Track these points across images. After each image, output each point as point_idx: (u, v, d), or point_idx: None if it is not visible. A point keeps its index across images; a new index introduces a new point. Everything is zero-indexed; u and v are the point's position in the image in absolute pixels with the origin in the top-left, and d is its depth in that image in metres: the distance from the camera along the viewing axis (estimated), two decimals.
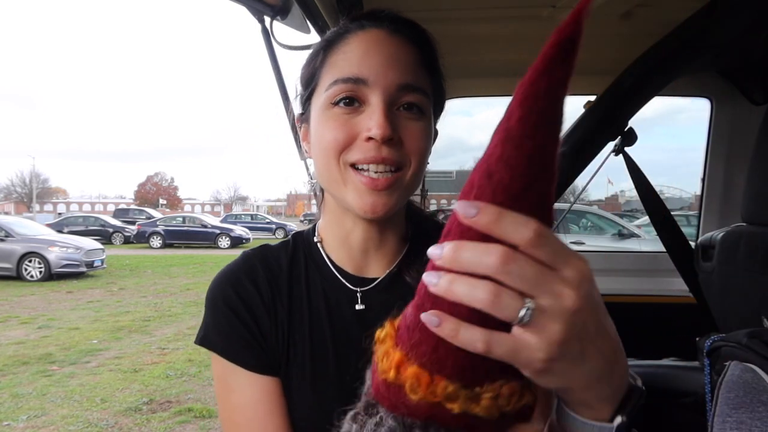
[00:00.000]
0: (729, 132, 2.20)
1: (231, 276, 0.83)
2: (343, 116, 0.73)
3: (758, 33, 1.58)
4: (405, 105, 0.74)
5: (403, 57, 0.75)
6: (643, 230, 10.35)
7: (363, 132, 0.72)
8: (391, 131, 0.71)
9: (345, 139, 0.73)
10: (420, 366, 0.44)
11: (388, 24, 0.77)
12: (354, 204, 0.74)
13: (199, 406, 4.74)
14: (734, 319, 1.44)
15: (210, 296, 0.83)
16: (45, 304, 9.60)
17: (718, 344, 0.90)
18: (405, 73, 0.73)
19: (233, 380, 0.79)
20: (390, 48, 0.74)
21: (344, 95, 0.73)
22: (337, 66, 0.75)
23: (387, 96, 0.72)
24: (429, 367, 0.43)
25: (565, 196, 4.46)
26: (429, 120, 0.77)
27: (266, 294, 0.81)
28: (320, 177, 0.80)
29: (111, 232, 24.19)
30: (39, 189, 60.90)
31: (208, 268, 14.97)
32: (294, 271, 0.84)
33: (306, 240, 0.88)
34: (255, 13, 1.24)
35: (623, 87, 1.79)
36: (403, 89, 0.73)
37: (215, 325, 0.81)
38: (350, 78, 0.73)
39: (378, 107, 0.71)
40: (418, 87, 0.74)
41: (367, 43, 0.75)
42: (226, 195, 74.08)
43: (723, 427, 0.70)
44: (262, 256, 0.86)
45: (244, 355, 0.79)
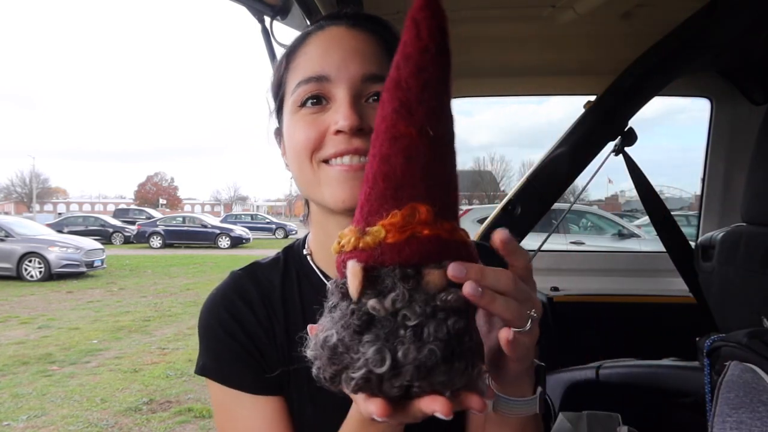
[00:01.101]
0: (729, 132, 2.20)
1: (224, 299, 0.81)
2: (310, 116, 0.72)
3: (758, 33, 1.58)
4: (374, 96, 0.72)
5: (365, 48, 0.73)
6: (643, 230, 10.35)
7: (331, 126, 0.71)
8: (358, 121, 0.69)
9: (315, 138, 0.72)
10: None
11: (346, 21, 0.76)
12: (330, 198, 0.72)
13: (199, 406, 4.74)
14: (734, 319, 1.44)
15: (204, 323, 0.81)
16: (45, 304, 9.60)
17: (718, 344, 0.90)
18: (368, 63, 0.72)
19: (237, 406, 0.77)
20: (350, 42, 0.73)
21: (309, 95, 0.72)
22: (299, 68, 0.74)
23: (352, 88, 0.71)
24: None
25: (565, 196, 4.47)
26: None
27: (262, 314, 0.79)
28: (298, 184, 0.78)
29: (111, 232, 24.20)
30: (39, 189, 60.92)
31: (208, 268, 14.97)
32: (287, 287, 0.82)
33: (296, 254, 0.86)
34: (255, 13, 1.24)
35: (623, 87, 1.79)
36: (368, 80, 0.72)
37: (213, 352, 0.79)
38: (312, 77, 0.72)
39: (343, 100, 0.70)
40: (384, 76, 0.73)
41: (327, 40, 0.74)
42: (226, 195, 74.09)
43: (723, 427, 0.70)
44: (253, 275, 0.84)
45: (246, 379, 0.77)
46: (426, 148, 0.47)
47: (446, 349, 0.45)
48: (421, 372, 0.44)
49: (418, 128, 0.47)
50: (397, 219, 0.47)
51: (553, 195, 1.98)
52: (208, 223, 23.96)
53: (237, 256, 18.35)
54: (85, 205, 68.01)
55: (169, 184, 74.83)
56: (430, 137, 0.47)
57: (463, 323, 0.46)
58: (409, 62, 0.48)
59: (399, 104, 0.48)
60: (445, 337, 0.45)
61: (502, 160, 52.50)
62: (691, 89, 2.24)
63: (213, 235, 22.93)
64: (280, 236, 28.01)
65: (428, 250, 0.47)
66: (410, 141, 0.48)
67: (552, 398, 1.71)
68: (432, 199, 0.47)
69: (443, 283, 0.46)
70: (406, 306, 0.46)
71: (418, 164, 0.47)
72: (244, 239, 22.99)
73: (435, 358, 0.44)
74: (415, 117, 0.47)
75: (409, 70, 0.48)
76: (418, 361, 0.44)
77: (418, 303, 0.46)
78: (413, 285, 0.46)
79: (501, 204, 2.02)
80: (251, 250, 21.34)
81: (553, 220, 4.93)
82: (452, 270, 0.46)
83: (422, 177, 0.48)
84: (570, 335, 2.11)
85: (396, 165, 0.48)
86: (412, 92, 0.47)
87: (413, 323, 0.45)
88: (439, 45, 0.47)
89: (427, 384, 0.45)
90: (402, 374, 0.45)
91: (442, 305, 0.46)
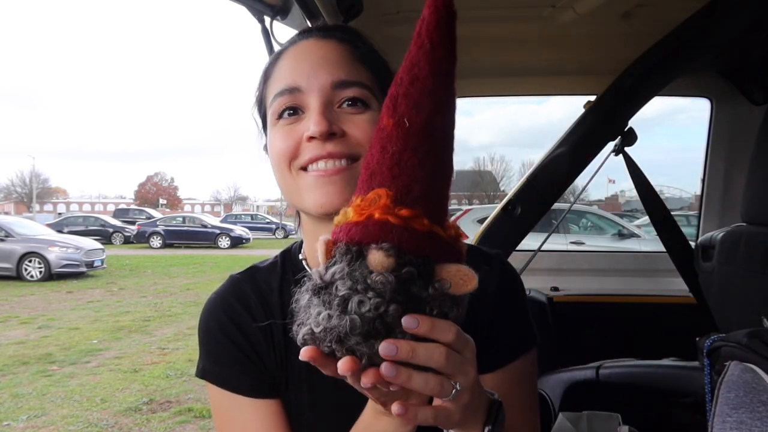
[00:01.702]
0: (729, 132, 2.20)
1: (223, 303, 0.83)
2: (287, 127, 0.74)
3: (758, 33, 1.58)
4: (347, 101, 0.73)
5: (333, 57, 0.75)
6: (643, 230, 10.36)
7: (305, 134, 0.72)
8: (328, 125, 0.71)
9: (292, 146, 0.73)
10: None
11: (316, 33, 0.78)
12: (310, 204, 0.73)
13: (199, 406, 4.74)
14: (734, 319, 1.44)
15: (203, 327, 0.82)
16: (45, 304, 9.60)
17: (718, 344, 0.90)
18: (337, 70, 0.74)
19: (236, 409, 0.79)
20: (319, 51, 0.75)
21: (284, 107, 0.74)
22: (274, 83, 0.77)
23: (322, 96, 0.72)
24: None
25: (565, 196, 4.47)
26: (377, 112, 0.75)
27: (260, 317, 0.81)
28: (282, 192, 0.80)
29: (111, 232, 24.20)
30: (39, 189, 60.89)
31: (208, 268, 14.97)
32: (285, 291, 0.83)
33: (293, 258, 0.88)
34: (255, 13, 1.24)
35: (623, 87, 1.79)
36: (338, 86, 0.73)
37: (212, 356, 0.80)
38: (285, 89, 0.74)
39: (315, 108, 0.72)
40: (355, 81, 0.74)
41: (297, 53, 0.77)
42: (226, 195, 74.06)
43: (723, 427, 0.70)
44: (251, 279, 0.85)
45: (244, 382, 0.78)
46: (399, 139, 0.51)
47: (366, 325, 0.48)
48: (341, 339, 0.49)
49: (395, 120, 0.51)
50: (359, 202, 0.52)
51: (553, 195, 1.98)
52: (208, 223, 23.96)
53: (237, 256, 18.35)
54: (85, 205, 67.98)
55: (169, 184, 74.81)
56: (405, 128, 0.50)
57: (387, 307, 0.48)
58: (406, 59, 0.51)
59: (389, 99, 0.52)
60: (366, 314, 0.48)
61: (502, 160, 52.56)
62: (691, 89, 2.24)
63: (213, 235, 22.93)
64: (280, 236, 28.01)
65: (371, 232, 0.50)
66: (388, 132, 0.51)
67: (552, 398, 1.71)
68: (395, 187, 0.51)
69: (384, 263, 0.49)
70: (340, 278, 0.50)
71: (388, 153, 0.51)
72: (244, 239, 22.99)
73: (352, 328, 0.48)
74: (397, 109, 0.51)
75: (404, 65, 0.51)
76: (338, 328, 0.48)
77: (352, 278, 0.49)
78: (352, 261, 0.50)
79: (501, 204, 2.02)
80: (251, 250, 21.34)
81: (553, 220, 4.94)
82: (383, 348, 0.48)
83: (390, 166, 0.51)
84: (570, 335, 2.11)
85: (374, 154, 0.53)
86: (402, 86, 0.51)
87: (341, 294, 0.49)
88: (435, 40, 0.48)
89: (343, 350, 0.49)
90: (327, 337, 0.49)
91: (372, 285, 0.49)
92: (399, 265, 0.49)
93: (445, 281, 0.51)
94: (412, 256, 0.50)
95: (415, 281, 0.50)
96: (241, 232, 23.47)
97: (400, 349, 0.48)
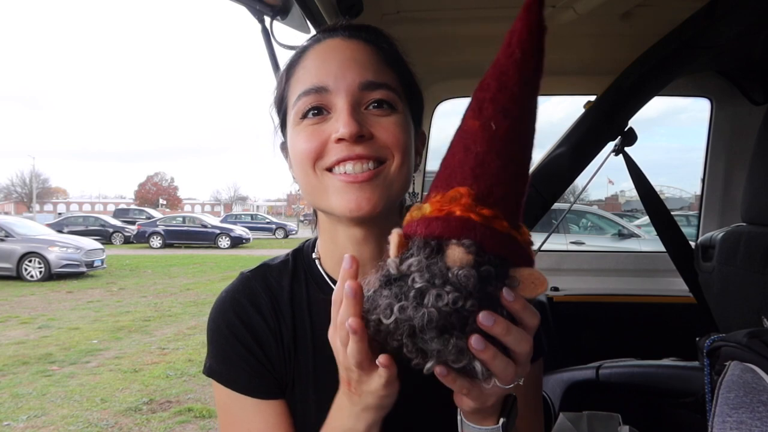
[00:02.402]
0: (729, 132, 2.20)
1: (233, 301, 0.82)
2: (312, 127, 0.73)
3: (758, 33, 1.58)
4: (374, 103, 0.73)
5: (361, 57, 0.74)
6: (643, 230, 10.36)
7: (332, 134, 0.71)
8: (358, 128, 0.70)
9: (317, 147, 0.72)
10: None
11: (342, 32, 0.78)
12: (337, 206, 0.72)
13: (199, 406, 4.73)
14: (734, 319, 1.44)
15: (212, 325, 0.82)
16: (45, 304, 9.59)
17: (718, 344, 0.90)
18: (365, 71, 0.73)
19: (241, 409, 0.78)
20: (346, 51, 0.74)
21: (310, 106, 0.73)
22: (299, 82, 0.76)
23: (350, 97, 0.72)
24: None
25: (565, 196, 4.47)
26: (403, 114, 0.75)
27: (271, 319, 0.80)
28: (304, 193, 0.78)
29: (111, 232, 24.18)
30: (39, 189, 60.89)
31: (208, 268, 14.97)
32: (296, 291, 0.83)
33: (306, 257, 0.87)
34: (255, 13, 1.24)
35: (623, 87, 1.79)
36: (366, 87, 0.72)
37: (220, 355, 0.80)
38: (311, 89, 0.73)
39: (343, 109, 0.71)
40: (382, 83, 0.73)
41: (323, 52, 0.76)
42: (226, 195, 74.09)
43: (723, 427, 0.70)
44: (262, 278, 0.85)
45: (251, 383, 0.78)
46: (484, 141, 0.51)
47: (442, 319, 0.48)
48: (413, 332, 0.49)
49: (481, 122, 0.51)
50: (438, 198, 0.52)
51: (553, 195, 1.98)
52: (208, 223, 23.95)
53: (237, 256, 18.35)
54: (85, 205, 68.00)
55: (169, 184, 74.81)
56: (492, 131, 0.51)
57: (465, 302, 0.48)
58: (495, 67, 0.51)
59: (475, 103, 0.52)
60: (443, 308, 0.48)
61: None
62: (691, 89, 2.23)
63: (213, 235, 22.92)
64: (280, 236, 27.98)
65: (452, 227, 0.50)
66: (472, 133, 0.52)
67: (552, 398, 1.71)
68: (477, 186, 0.51)
69: (463, 259, 0.49)
70: (417, 271, 0.50)
71: (472, 153, 0.52)
72: (244, 239, 22.98)
73: (429, 322, 0.48)
74: (484, 113, 0.51)
75: (492, 72, 0.52)
76: (413, 320, 0.48)
77: (429, 271, 0.49)
78: (431, 255, 0.50)
79: None
80: (251, 250, 21.34)
81: (553, 220, 4.94)
82: (482, 318, 0.49)
83: (473, 165, 0.51)
84: (570, 335, 2.11)
85: (456, 154, 0.53)
86: (489, 91, 0.51)
87: (417, 286, 0.49)
88: (525, 52, 0.50)
89: (413, 344, 0.50)
90: (399, 329, 0.49)
91: (453, 279, 0.49)
92: (477, 263, 0.49)
93: (515, 280, 0.51)
94: (491, 255, 0.50)
95: (491, 281, 0.50)
96: (241, 232, 23.46)
97: (497, 322, 0.49)
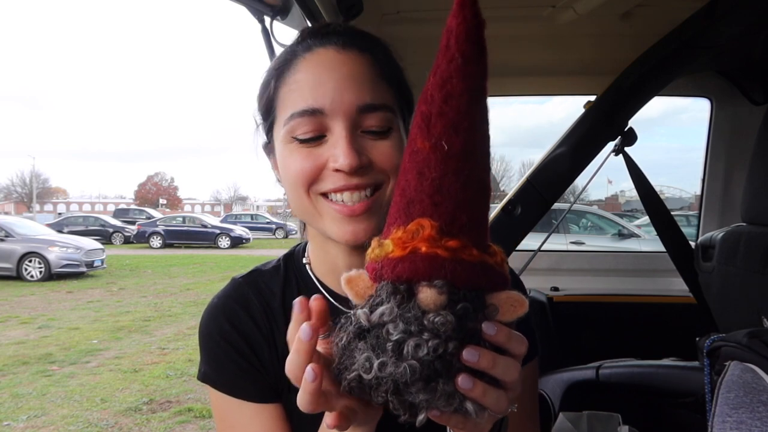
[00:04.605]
0: (729, 132, 2.20)
1: (225, 307, 0.81)
2: (306, 149, 0.70)
3: (758, 33, 1.58)
4: (371, 129, 0.70)
5: (358, 74, 0.70)
6: (643, 230, 10.36)
7: (330, 162, 0.68)
8: (358, 160, 0.67)
9: (312, 171, 0.69)
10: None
11: (335, 39, 0.72)
12: (333, 234, 0.71)
13: (199, 406, 4.73)
14: (734, 319, 1.44)
15: (204, 331, 0.81)
16: (45, 304, 9.59)
17: (718, 344, 0.90)
18: (363, 92, 0.69)
19: (236, 414, 0.78)
20: (342, 68, 0.70)
21: (304, 131, 0.69)
22: (290, 98, 0.71)
23: (348, 122, 0.68)
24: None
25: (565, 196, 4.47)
26: (398, 132, 0.73)
27: (263, 324, 0.80)
28: (294, 209, 0.77)
29: (111, 232, 24.18)
30: (39, 189, 60.90)
31: (208, 268, 14.97)
32: (287, 295, 0.82)
33: (296, 263, 0.86)
34: (255, 13, 1.24)
35: (623, 87, 1.79)
36: (364, 110, 0.69)
37: (213, 361, 0.80)
38: (306, 110, 0.68)
39: (341, 136, 0.67)
40: (380, 105, 0.70)
41: (317, 67, 0.70)
42: (226, 195, 74.07)
43: (723, 427, 0.70)
44: (254, 283, 0.84)
45: (245, 387, 0.78)
46: (438, 163, 0.47)
47: (426, 370, 0.45)
48: (398, 386, 0.45)
49: (432, 143, 0.47)
50: (400, 234, 0.48)
51: (553, 195, 1.98)
52: (208, 223, 23.95)
53: (237, 256, 18.35)
54: (85, 205, 67.95)
55: (169, 184, 74.78)
56: (444, 152, 0.46)
57: (446, 347, 0.45)
58: (436, 73, 0.47)
59: (421, 118, 0.48)
60: (425, 357, 0.44)
61: (502, 160, 52.51)
62: (691, 89, 2.24)
63: (213, 235, 22.92)
64: (280, 236, 27.99)
65: (420, 268, 0.46)
66: (424, 156, 0.47)
67: (552, 398, 1.71)
68: (439, 216, 0.47)
69: (437, 300, 0.46)
70: (391, 321, 0.46)
71: (427, 180, 0.47)
72: (244, 239, 22.98)
73: (412, 375, 0.44)
74: (432, 131, 0.47)
75: (434, 81, 0.47)
76: (395, 375, 0.45)
77: (403, 319, 0.46)
78: (402, 301, 0.46)
79: (501, 204, 2.02)
80: (251, 250, 21.34)
81: (553, 220, 4.94)
82: (466, 355, 0.46)
83: (431, 193, 0.47)
84: (570, 335, 2.11)
85: (410, 180, 0.48)
86: (434, 105, 0.46)
87: (394, 338, 0.45)
88: (467, 54, 0.45)
89: (398, 400, 0.46)
90: (381, 385, 0.46)
91: (429, 326, 0.45)
92: (452, 302, 0.46)
93: (494, 308, 0.48)
94: (465, 290, 0.47)
95: (470, 316, 0.47)
96: (241, 232, 23.46)
97: (482, 356, 0.46)
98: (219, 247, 22.41)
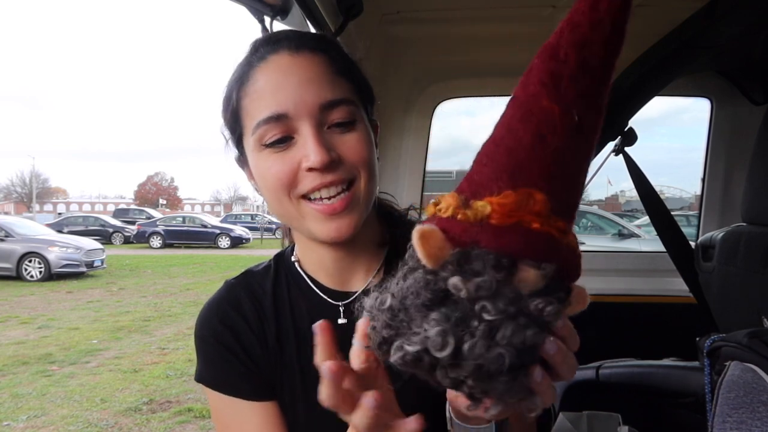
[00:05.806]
0: (729, 132, 2.20)
1: (217, 309, 0.84)
2: (277, 154, 0.72)
3: (758, 33, 1.58)
4: (336, 123, 0.73)
5: (314, 74, 0.72)
6: (643, 230, 10.36)
7: (302, 162, 0.71)
8: (328, 156, 0.70)
9: (288, 175, 0.72)
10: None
11: (287, 44, 0.74)
12: (318, 233, 0.74)
13: (199, 406, 4.74)
14: (734, 319, 1.44)
15: (199, 333, 0.84)
16: (45, 304, 9.60)
17: (718, 344, 0.90)
18: (322, 90, 0.71)
19: (234, 412, 0.80)
20: (297, 70, 0.72)
21: (272, 135, 0.71)
22: (254, 107, 0.73)
23: (313, 120, 0.71)
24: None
25: None
26: (362, 123, 0.75)
27: (254, 323, 0.82)
28: (277, 214, 0.79)
29: (111, 232, 24.19)
30: (39, 189, 60.91)
31: (208, 268, 14.97)
32: (278, 295, 0.85)
33: (286, 261, 0.89)
34: (255, 13, 1.24)
35: (623, 87, 1.79)
36: (326, 108, 0.71)
37: (209, 362, 0.82)
38: (271, 117, 0.71)
39: (309, 135, 0.70)
40: (341, 99, 0.72)
41: (274, 73, 0.73)
42: (226, 195, 74.08)
43: (723, 427, 0.71)
44: (246, 284, 0.87)
45: (241, 386, 0.80)
46: (566, 132, 0.41)
47: (516, 359, 0.40)
48: (481, 373, 0.40)
49: (562, 108, 0.40)
50: (508, 201, 0.41)
51: None
52: (208, 223, 23.96)
53: (237, 256, 18.35)
54: (85, 205, 68.00)
55: (169, 184, 74.82)
56: (574, 123, 0.41)
57: (543, 338, 0.41)
58: (575, 32, 0.40)
59: (548, 75, 0.41)
60: (519, 346, 0.40)
61: None
62: (691, 89, 2.23)
63: (213, 235, 22.93)
64: (280, 236, 27.90)
65: (532, 246, 0.41)
66: (549, 119, 0.41)
67: None
68: (553, 191, 0.41)
69: (538, 285, 0.41)
70: (489, 297, 0.40)
71: (549, 147, 0.41)
72: (244, 239, 22.99)
73: (501, 363, 0.39)
74: (564, 94, 0.40)
75: (572, 39, 0.40)
76: (483, 360, 0.39)
77: (503, 299, 0.40)
78: (504, 277, 0.40)
79: None
80: (251, 250, 21.34)
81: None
82: (548, 345, 0.42)
83: (549, 163, 0.41)
84: None
85: (524, 140, 0.41)
86: (568, 66, 0.40)
87: (490, 318, 0.39)
88: (615, 24, 0.39)
89: (482, 388, 0.41)
90: (461, 367, 0.40)
91: (532, 311, 0.40)
92: (547, 287, 0.41)
93: (568, 303, 0.44)
94: (556, 277, 0.42)
95: (564, 306, 0.43)
96: (241, 232, 23.46)
97: (559, 349, 0.43)
98: (219, 247, 22.42)
